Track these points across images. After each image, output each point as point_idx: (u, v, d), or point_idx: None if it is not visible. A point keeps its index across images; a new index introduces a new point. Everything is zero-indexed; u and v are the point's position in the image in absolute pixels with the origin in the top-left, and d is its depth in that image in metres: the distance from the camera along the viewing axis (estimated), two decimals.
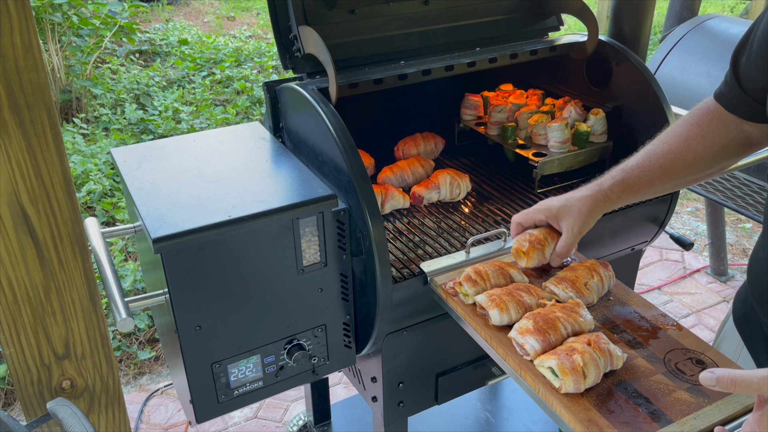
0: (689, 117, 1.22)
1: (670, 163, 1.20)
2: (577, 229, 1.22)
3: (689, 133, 1.20)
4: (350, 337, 1.39)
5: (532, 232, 1.28)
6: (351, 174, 1.22)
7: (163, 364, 2.78)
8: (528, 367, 1.09)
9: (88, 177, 3.77)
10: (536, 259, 1.27)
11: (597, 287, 1.25)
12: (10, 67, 1.13)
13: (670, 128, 1.24)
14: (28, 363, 1.35)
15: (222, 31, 6.97)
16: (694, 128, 1.20)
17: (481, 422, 2.18)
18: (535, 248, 1.26)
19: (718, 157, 1.21)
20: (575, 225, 1.22)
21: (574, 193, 1.25)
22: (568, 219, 1.22)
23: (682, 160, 1.20)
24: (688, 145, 1.20)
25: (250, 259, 1.19)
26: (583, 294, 1.23)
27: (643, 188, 1.23)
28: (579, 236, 1.23)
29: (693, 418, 1.00)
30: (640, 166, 1.22)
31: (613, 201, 1.23)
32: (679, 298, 3.18)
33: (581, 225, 1.22)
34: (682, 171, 1.21)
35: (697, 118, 1.20)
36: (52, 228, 1.27)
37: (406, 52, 1.61)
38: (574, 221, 1.22)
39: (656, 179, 1.22)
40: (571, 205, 1.22)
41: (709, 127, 1.19)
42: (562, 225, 1.24)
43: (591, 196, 1.22)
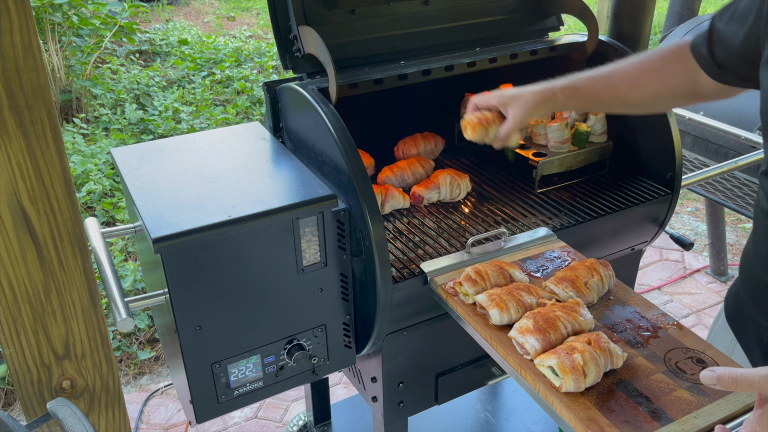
0: (656, 51, 1.28)
1: (620, 83, 1.28)
2: (520, 118, 1.29)
3: (648, 64, 1.27)
4: (350, 337, 1.39)
5: (484, 112, 1.35)
6: (351, 174, 1.22)
7: (163, 364, 2.78)
8: (528, 366, 1.09)
9: (88, 177, 3.77)
10: (479, 134, 1.33)
11: (597, 287, 1.26)
12: (10, 67, 1.13)
13: (635, 55, 1.31)
14: (28, 363, 1.35)
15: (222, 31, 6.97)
16: (655, 62, 1.27)
17: (481, 422, 2.18)
18: (482, 125, 1.32)
19: (665, 94, 1.27)
20: (519, 113, 1.29)
21: (528, 86, 1.32)
22: (514, 107, 1.30)
23: (632, 85, 1.27)
24: (642, 73, 1.27)
25: (250, 259, 1.19)
26: (583, 293, 1.24)
27: (589, 98, 1.31)
28: (520, 124, 1.30)
29: (693, 416, 1.00)
30: (593, 78, 1.30)
31: (560, 102, 1.30)
32: (679, 298, 3.18)
33: (524, 114, 1.29)
34: (629, 93, 1.28)
35: (662, 54, 1.27)
36: (52, 228, 1.27)
37: (406, 52, 1.61)
38: (518, 110, 1.29)
39: (603, 93, 1.29)
40: (521, 95, 1.30)
41: (668, 66, 1.25)
42: (509, 111, 1.31)
43: (540, 92, 1.29)
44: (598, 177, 1.73)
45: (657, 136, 1.63)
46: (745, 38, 1.08)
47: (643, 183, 1.67)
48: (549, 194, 1.67)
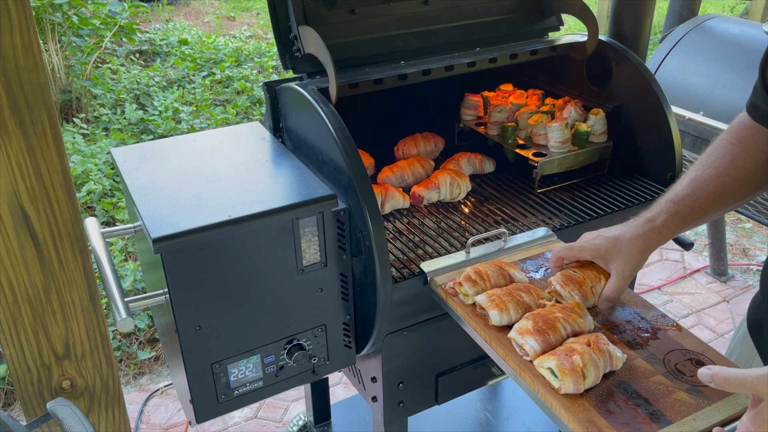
0: (728, 136, 1.16)
1: (721, 188, 1.13)
2: (628, 272, 1.14)
3: (734, 151, 1.14)
4: (350, 337, 1.39)
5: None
6: (351, 174, 1.22)
7: (163, 364, 2.78)
8: (527, 367, 1.09)
9: (88, 177, 3.77)
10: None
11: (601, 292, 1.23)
12: (10, 67, 1.13)
13: (710, 150, 1.17)
14: (28, 363, 1.35)
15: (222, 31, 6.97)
16: (737, 146, 1.14)
17: (481, 422, 2.18)
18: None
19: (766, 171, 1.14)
20: (626, 268, 1.14)
21: (623, 231, 1.16)
22: (617, 261, 1.15)
23: (733, 182, 1.13)
24: (735, 165, 1.13)
25: (250, 259, 1.19)
26: (587, 298, 1.20)
27: (696, 218, 1.15)
28: (630, 279, 1.16)
29: (692, 418, 1.00)
30: (691, 195, 1.14)
31: (666, 237, 1.15)
32: (679, 298, 3.18)
33: (632, 267, 1.14)
34: (734, 193, 1.14)
35: (737, 135, 1.15)
36: (52, 228, 1.27)
37: (406, 52, 1.61)
38: (624, 264, 1.14)
39: (708, 206, 1.14)
40: (621, 246, 1.15)
41: (752, 142, 1.13)
42: (611, 267, 1.16)
43: (643, 236, 1.14)
44: (598, 177, 1.73)
45: (657, 136, 1.63)
46: None
47: (643, 183, 1.67)
48: (549, 194, 1.67)
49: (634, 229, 1.16)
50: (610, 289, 1.16)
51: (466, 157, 1.77)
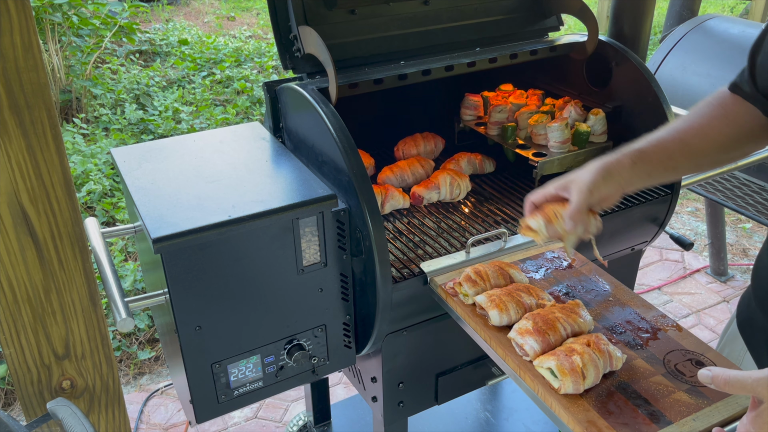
0: (713, 99, 1.17)
1: (691, 138, 1.14)
2: (585, 188, 1.12)
3: (713, 112, 1.15)
4: (350, 337, 1.39)
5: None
6: (351, 174, 1.22)
7: (163, 364, 2.78)
8: (527, 367, 1.09)
9: (88, 177, 3.77)
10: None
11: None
12: (10, 67, 1.13)
13: (692, 109, 1.19)
14: (28, 363, 1.35)
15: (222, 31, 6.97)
16: (717, 109, 1.15)
17: (481, 422, 2.18)
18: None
19: (742, 139, 1.16)
20: (582, 185, 1.13)
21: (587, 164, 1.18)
22: (576, 182, 1.15)
23: (704, 137, 1.14)
24: (710, 123, 1.15)
25: (250, 259, 1.19)
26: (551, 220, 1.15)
27: (661, 159, 1.15)
28: (588, 195, 1.12)
29: (692, 419, 1.00)
30: (659, 138, 1.16)
31: (627, 166, 1.13)
32: (679, 298, 3.18)
33: (589, 184, 1.12)
34: (704, 147, 1.14)
35: (720, 101, 1.16)
36: (52, 228, 1.27)
37: (406, 52, 1.61)
38: (582, 182, 1.13)
39: (676, 152, 1.15)
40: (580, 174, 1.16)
41: (733, 110, 1.14)
42: (571, 194, 1.15)
43: (601, 161, 1.15)
44: None
45: None
46: None
47: None
48: None
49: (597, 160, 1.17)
50: (570, 207, 1.15)
51: (466, 157, 1.77)
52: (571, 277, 1.34)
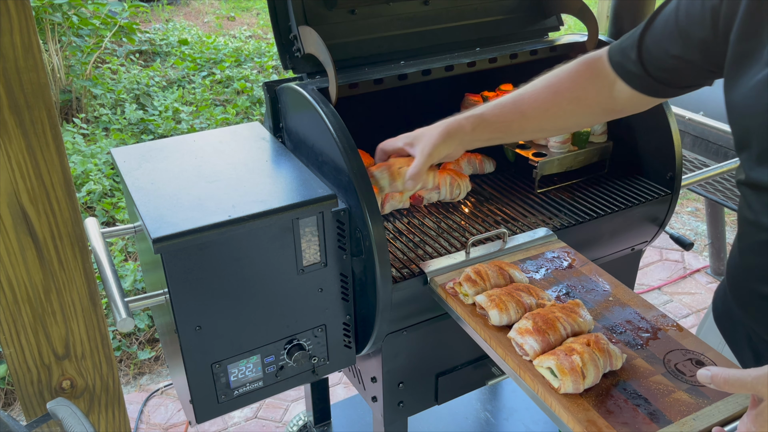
0: (568, 71, 1.23)
1: (532, 111, 1.23)
2: (427, 151, 1.23)
3: (560, 87, 1.23)
4: (350, 337, 1.39)
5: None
6: (351, 174, 1.22)
7: (163, 364, 2.78)
8: (527, 367, 1.09)
9: (88, 177, 3.77)
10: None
11: None
12: (10, 67, 1.13)
13: (545, 76, 1.25)
14: (28, 363, 1.35)
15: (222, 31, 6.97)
16: (566, 83, 1.22)
17: (481, 422, 2.18)
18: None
19: (579, 115, 1.25)
20: (426, 147, 1.23)
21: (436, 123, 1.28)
22: (420, 143, 1.25)
23: (544, 111, 1.23)
24: (555, 98, 1.22)
25: (250, 259, 1.19)
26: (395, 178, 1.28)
27: (499, 127, 1.25)
28: (429, 158, 1.23)
29: (692, 418, 1.00)
30: (502, 105, 1.24)
31: (467, 130, 1.24)
32: (679, 298, 3.18)
33: (431, 147, 1.23)
34: (541, 121, 1.24)
35: (574, 74, 1.23)
36: (52, 228, 1.27)
37: (406, 52, 1.61)
38: (425, 144, 1.24)
39: (514, 122, 1.24)
40: (425, 132, 1.26)
41: (582, 86, 1.22)
42: (415, 151, 1.26)
43: (445, 123, 1.24)
44: (598, 177, 1.73)
45: (657, 136, 1.63)
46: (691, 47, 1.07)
47: (643, 183, 1.67)
48: (549, 194, 1.67)
49: (442, 121, 1.26)
50: (411, 166, 1.25)
51: (466, 157, 1.77)
52: (571, 277, 1.34)
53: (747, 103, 0.95)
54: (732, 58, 0.99)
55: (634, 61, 1.16)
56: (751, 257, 1.05)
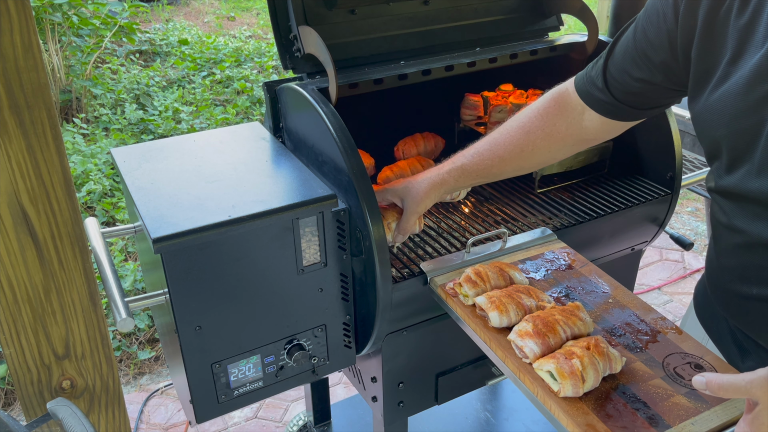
0: (537, 108, 1.29)
1: (509, 154, 1.30)
2: (414, 208, 1.32)
3: (531, 126, 1.29)
4: (350, 337, 1.39)
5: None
6: (351, 174, 1.22)
7: (163, 364, 2.78)
8: (527, 370, 1.09)
9: (88, 177, 3.77)
10: None
11: None
12: (10, 67, 1.13)
13: (516, 116, 1.32)
14: (28, 363, 1.35)
15: (222, 31, 6.97)
16: (537, 121, 1.28)
17: (481, 422, 2.18)
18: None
19: (554, 149, 1.30)
20: (412, 204, 1.32)
21: (418, 174, 1.36)
22: (407, 199, 1.33)
23: (520, 152, 1.30)
24: (528, 138, 1.29)
25: (250, 259, 1.19)
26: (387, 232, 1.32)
27: (480, 173, 1.33)
28: (416, 214, 1.33)
29: (691, 423, 1.00)
30: (480, 154, 1.32)
31: (450, 184, 1.33)
32: (679, 298, 3.18)
33: (417, 205, 1.32)
34: (518, 161, 1.31)
35: (543, 110, 1.28)
36: (52, 228, 1.27)
37: (406, 52, 1.61)
38: (412, 201, 1.32)
39: (494, 167, 1.32)
40: (411, 187, 1.33)
41: (552, 122, 1.27)
42: (404, 204, 1.34)
43: (429, 179, 1.32)
44: (598, 177, 1.73)
45: (657, 136, 1.62)
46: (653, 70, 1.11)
47: (643, 183, 1.67)
48: (549, 194, 1.67)
49: (426, 173, 1.35)
50: (401, 223, 1.34)
51: None
52: (571, 278, 1.34)
53: (711, 117, 0.98)
54: (694, 75, 1.02)
55: (601, 89, 1.20)
56: (728, 259, 1.07)
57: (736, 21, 0.94)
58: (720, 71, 0.97)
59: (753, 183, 0.93)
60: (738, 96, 0.93)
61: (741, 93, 0.92)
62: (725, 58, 0.96)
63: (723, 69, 0.96)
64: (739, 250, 1.02)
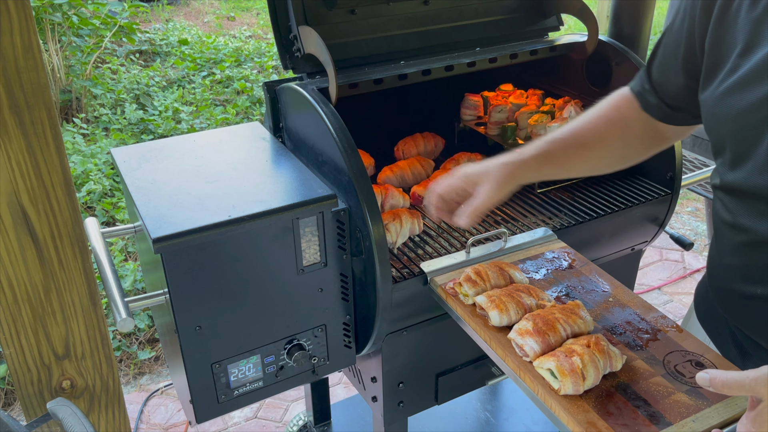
0: (612, 101, 1.23)
1: (590, 142, 1.21)
2: (491, 194, 1.17)
3: (611, 115, 1.22)
4: (350, 337, 1.39)
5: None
6: (351, 174, 1.22)
7: (163, 364, 2.78)
8: (527, 368, 1.09)
9: (88, 177, 3.77)
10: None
11: None
12: (10, 67, 1.13)
13: (594, 108, 1.25)
14: (28, 363, 1.35)
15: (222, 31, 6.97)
16: (615, 112, 1.22)
17: (481, 422, 2.18)
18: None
19: (631, 145, 1.24)
20: (489, 190, 1.17)
21: (493, 159, 1.21)
22: (482, 183, 1.18)
23: (600, 140, 1.22)
24: (608, 127, 1.22)
25: (250, 259, 1.19)
26: None
27: (562, 162, 1.22)
28: (490, 202, 1.18)
29: (692, 420, 1.00)
30: (564, 141, 1.22)
31: (533, 169, 1.20)
32: (679, 298, 3.18)
33: (495, 191, 1.17)
34: (599, 151, 1.23)
35: (618, 103, 1.23)
36: (52, 228, 1.27)
37: (406, 52, 1.61)
38: (489, 186, 1.17)
39: (575, 155, 1.22)
40: (489, 171, 1.19)
41: (628, 114, 1.22)
42: (479, 188, 1.19)
43: (511, 163, 1.19)
44: (598, 177, 1.73)
45: None
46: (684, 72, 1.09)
47: (643, 183, 1.67)
48: (549, 194, 1.67)
49: (504, 158, 1.20)
50: (470, 205, 1.19)
51: (466, 157, 1.77)
52: (571, 278, 1.34)
53: (718, 111, 0.97)
54: (706, 67, 1.01)
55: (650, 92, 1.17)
56: (731, 258, 1.06)
57: (748, 13, 0.93)
58: (730, 63, 0.95)
59: (758, 179, 0.92)
60: (746, 89, 0.91)
61: (749, 87, 0.91)
62: (736, 50, 0.94)
63: (733, 61, 0.94)
64: (743, 248, 1.01)
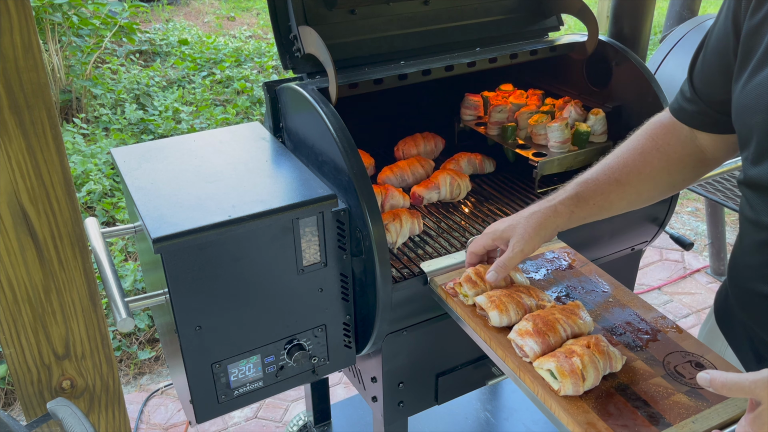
0: (644, 131, 1.21)
1: (626, 177, 1.17)
2: (520, 247, 1.15)
3: (644, 146, 1.19)
4: (350, 337, 1.39)
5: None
6: (351, 174, 1.22)
7: (163, 364, 2.78)
8: (527, 369, 1.09)
9: (88, 177, 3.77)
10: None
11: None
12: (10, 67, 1.13)
13: (625, 143, 1.22)
14: (28, 363, 1.35)
15: (222, 31, 6.97)
16: (649, 141, 1.19)
17: (481, 422, 2.18)
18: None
19: (674, 171, 1.19)
20: (518, 243, 1.15)
21: (523, 211, 1.20)
22: (512, 237, 1.17)
23: (638, 174, 1.18)
24: (643, 158, 1.18)
25: (250, 259, 1.19)
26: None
27: (597, 202, 1.18)
28: (522, 254, 1.15)
29: (691, 421, 1.00)
30: (595, 180, 1.18)
31: (564, 215, 1.17)
32: (679, 298, 3.18)
33: (525, 243, 1.15)
34: (638, 184, 1.18)
35: (651, 132, 1.20)
36: (52, 228, 1.27)
37: (406, 52, 1.61)
38: (518, 239, 1.15)
39: (611, 192, 1.17)
40: (517, 223, 1.17)
41: (664, 141, 1.18)
42: (510, 243, 1.17)
43: (539, 212, 1.17)
44: None
45: None
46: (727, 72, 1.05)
47: None
48: (549, 194, 1.67)
49: (533, 207, 1.19)
50: (499, 260, 1.17)
51: (466, 157, 1.77)
52: (571, 278, 1.34)
53: (747, 102, 0.96)
54: (740, 57, 0.99)
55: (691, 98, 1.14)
56: (752, 256, 1.05)
57: None
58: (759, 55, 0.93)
59: None
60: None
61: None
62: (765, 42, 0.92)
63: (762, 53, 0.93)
64: (763, 246, 1.00)
